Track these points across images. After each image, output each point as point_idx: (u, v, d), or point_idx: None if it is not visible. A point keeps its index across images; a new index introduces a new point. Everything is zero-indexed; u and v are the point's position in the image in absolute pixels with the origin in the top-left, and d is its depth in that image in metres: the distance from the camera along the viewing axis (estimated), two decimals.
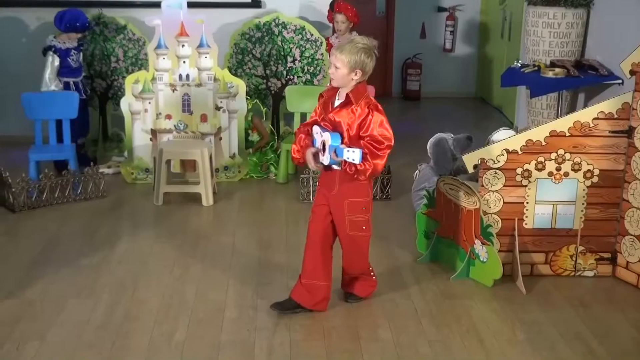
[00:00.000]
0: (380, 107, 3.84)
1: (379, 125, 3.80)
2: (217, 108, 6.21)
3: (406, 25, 9.87)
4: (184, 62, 6.13)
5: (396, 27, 9.92)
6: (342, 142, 3.80)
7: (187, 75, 6.14)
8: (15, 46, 7.19)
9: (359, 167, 3.74)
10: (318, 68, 6.85)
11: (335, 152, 3.78)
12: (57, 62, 6.28)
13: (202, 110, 6.20)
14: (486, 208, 4.41)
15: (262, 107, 6.72)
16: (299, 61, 6.90)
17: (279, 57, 6.91)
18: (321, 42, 6.84)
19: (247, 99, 6.29)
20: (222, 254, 4.87)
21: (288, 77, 6.95)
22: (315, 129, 3.90)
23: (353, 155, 3.71)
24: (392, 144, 3.81)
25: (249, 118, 6.45)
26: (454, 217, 4.53)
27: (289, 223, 5.43)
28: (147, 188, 6.11)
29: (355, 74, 3.77)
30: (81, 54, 6.56)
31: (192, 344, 3.77)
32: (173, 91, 6.16)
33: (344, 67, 3.75)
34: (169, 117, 6.20)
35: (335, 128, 3.84)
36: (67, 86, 6.41)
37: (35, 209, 5.61)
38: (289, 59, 6.90)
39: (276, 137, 6.74)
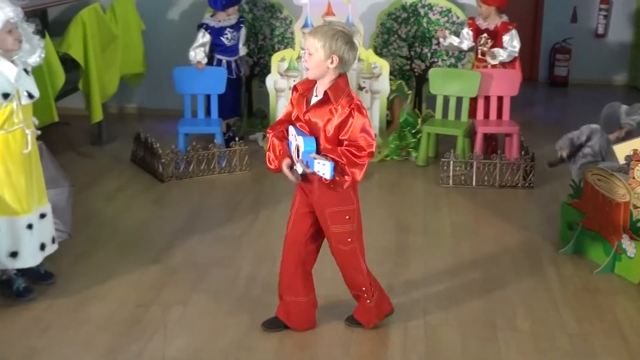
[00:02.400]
0: (363, 107, 3.38)
1: (361, 130, 3.32)
2: (360, 88, 6.23)
3: (556, 9, 9.53)
4: None
5: (545, 11, 9.60)
6: (317, 147, 3.37)
7: None
8: (170, 25, 7.47)
9: (336, 177, 3.30)
10: (463, 52, 6.74)
11: (307, 162, 3.34)
12: (205, 38, 6.36)
13: None
14: (637, 202, 4.22)
15: (406, 89, 6.67)
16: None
17: (424, 38, 6.84)
18: None
19: (391, 79, 6.27)
20: None
21: (432, 59, 6.88)
22: (291, 130, 3.44)
23: (324, 169, 3.26)
24: (374, 150, 3.37)
25: (390, 98, 6.43)
26: (601, 209, 4.36)
27: (427, 206, 5.40)
28: None
29: (332, 62, 3.28)
30: (241, 32, 6.53)
31: (328, 319, 3.82)
32: None
33: (318, 53, 3.29)
34: None
35: (311, 129, 3.39)
36: (219, 64, 6.46)
37: (182, 180, 5.84)
38: (434, 41, 6.82)
39: (419, 119, 6.69)
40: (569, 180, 4.89)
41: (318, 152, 3.36)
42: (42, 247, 3.99)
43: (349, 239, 3.53)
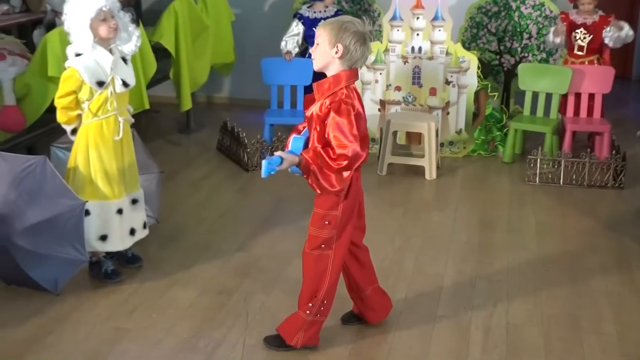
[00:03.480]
0: (346, 105, 3.12)
1: (334, 129, 3.10)
2: (447, 82, 6.16)
3: None
4: (418, 34, 6.12)
5: None
6: (307, 146, 3.23)
7: (420, 48, 6.13)
8: (259, 16, 7.54)
9: (309, 179, 3.15)
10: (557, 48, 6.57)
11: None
12: (298, 29, 6.39)
13: (431, 84, 6.18)
14: None
15: (489, 90, 6.48)
16: (535, 39, 6.66)
17: (514, 33, 6.71)
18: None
19: (478, 77, 6.16)
20: (443, 229, 4.85)
21: (522, 54, 6.74)
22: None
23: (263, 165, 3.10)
24: (351, 155, 3.09)
25: (476, 90, 6.32)
26: None
27: (512, 204, 5.30)
28: (372, 157, 6.19)
29: (337, 52, 3.13)
30: None
31: (409, 314, 3.80)
32: (404, 63, 6.18)
33: (323, 43, 3.16)
34: (398, 88, 6.24)
35: (309, 126, 3.26)
36: (310, 56, 6.47)
37: None
38: (525, 35, 6.68)
39: (506, 115, 6.56)
40: None
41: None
42: (132, 232, 4.09)
43: (322, 245, 3.31)
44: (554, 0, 6.65)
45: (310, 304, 3.39)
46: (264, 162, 3.09)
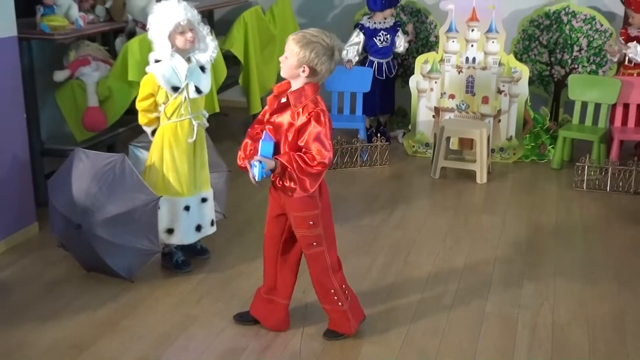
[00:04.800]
0: (324, 116, 3.12)
1: (315, 139, 3.08)
2: (499, 91, 6.07)
3: None
4: (472, 45, 6.05)
5: None
6: (278, 152, 3.19)
7: (474, 59, 6.06)
8: (322, 25, 7.45)
9: (285, 183, 3.14)
10: (605, 59, 6.43)
11: (250, 163, 3.13)
12: (358, 38, 6.35)
13: (484, 93, 6.10)
14: None
15: (531, 112, 6.33)
16: (585, 51, 6.53)
17: (565, 45, 6.58)
18: (610, 34, 6.41)
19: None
20: (492, 231, 4.78)
21: (572, 65, 6.60)
22: (264, 133, 3.25)
23: (253, 170, 3.09)
24: (327, 162, 3.10)
25: (529, 103, 6.23)
26: None
27: (560, 209, 5.19)
28: (425, 161, 6.16)
29: (304, 71, 3.09)
30: (398, 36, 6.38)
31: (458, 311, 3.76)
32: (459, 73, 6.12)
33: (292, 58, 3.10)
34: (452, 96, 6.18)
35: (276, 132, 3.20)
36: (371, 65, 6.40)
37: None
38: (575, 48, 6.54)
39: (554, 123, 6.44)
40: None
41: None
42: (198, 228, 4.11)
43: (314, 243, 3.31)
44: (605, 14, 6.50)
45: (335, 297, 3.40)
46: (258, 165, 3.06)
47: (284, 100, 3.18)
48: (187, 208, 4.02)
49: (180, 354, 3.39)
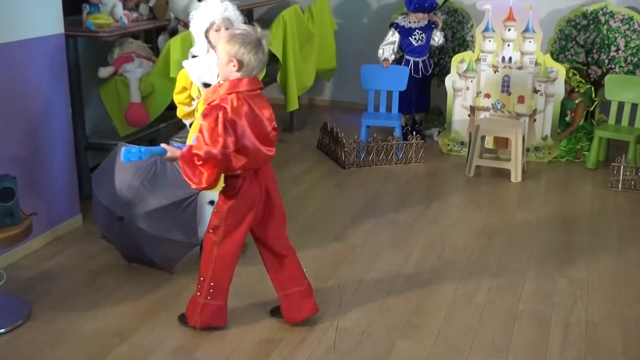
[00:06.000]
0: (216, 110, 3.04)
1: (199, 130, 3.05)
2: (535, 91, 6.00)
3: None
4: (508, 45, 5.99)
5: None
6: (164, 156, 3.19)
7: (510, 58, 6.00)
8: (359, 25, 7.54)
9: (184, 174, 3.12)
10: None
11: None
12: (394, 37, 6.33)
13: (520, 92, 6.03)
14: None
15: (592, 94, 6.21)
16: (623, 51, 6.41)
17: (602, 45, 6.47)
18: None
19: (580, 82, 5.95)
20: (526, 229, 4.73)
21: (609, 66, 6.49)
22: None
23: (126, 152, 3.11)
24: (203, 155, 3.01)
25: (577, 101, 6.13)
26: None
27: (594, 208, 5.12)
28: (460, 159, 6.12)
29: (234, 65, 3.08)
30: (434, 34, 6.33)
31: (491, 308, 3.73)
32: (495, 72, 6.06)
33: (222, 56, 3.12)
34: (488, 95, 6.12)
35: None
36: (407, 63, 6.37)
37: (361, 167, 5.88)
38: (613, 48, 6.43)
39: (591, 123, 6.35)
40: None
41: None
42: None
43: (211, 230, 3.33)
44: None
45: (199, 286, 3.40)
46: (130, 150, 3.09)
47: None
48: (211, 202, 4.03)
49: (217, 344, 3.42)
